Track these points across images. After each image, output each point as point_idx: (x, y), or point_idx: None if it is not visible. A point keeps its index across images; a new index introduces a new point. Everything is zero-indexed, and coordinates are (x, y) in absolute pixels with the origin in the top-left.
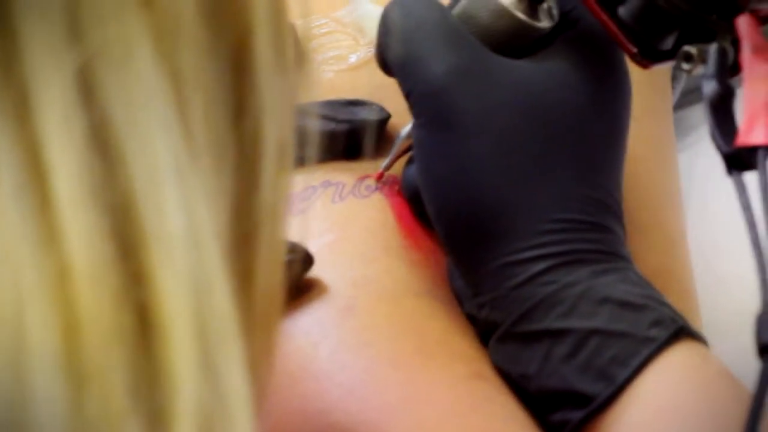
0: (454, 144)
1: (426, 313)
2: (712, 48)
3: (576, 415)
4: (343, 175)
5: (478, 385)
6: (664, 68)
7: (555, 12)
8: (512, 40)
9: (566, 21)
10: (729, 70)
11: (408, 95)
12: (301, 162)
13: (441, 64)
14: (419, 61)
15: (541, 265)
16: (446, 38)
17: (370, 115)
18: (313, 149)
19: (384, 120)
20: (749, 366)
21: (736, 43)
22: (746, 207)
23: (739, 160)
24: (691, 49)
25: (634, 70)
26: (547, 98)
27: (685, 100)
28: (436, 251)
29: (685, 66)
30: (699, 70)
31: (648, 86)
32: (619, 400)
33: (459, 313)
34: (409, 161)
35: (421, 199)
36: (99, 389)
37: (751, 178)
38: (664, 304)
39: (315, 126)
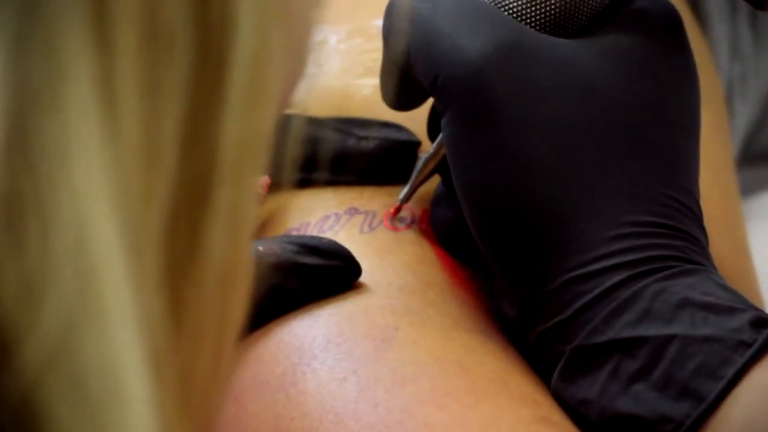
0: (496, 138)
1: (479, 350)
2: None
3: None
4: (372, 202)
5: (545, 430)
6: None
7: None
8: (559, 19)
9: None
10: None
11: (434, 84)
12: (314, 182)
13: (475, 40)
14: (447, 39)
15: (613, 278)
16: (478, 14)
17: (399, 136)
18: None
19: (414, 143)
20: None
21: None
22: None
23: None
24: None
25: None
26: (602, 80)
27: None
28: (484, 295)
29: None
30: None
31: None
32: (710, 423)
33: (518, 354)
34: (437, 200)
35: (455, 242)
36: None
37: None
38: (755, 307)
39: (334, 140)
